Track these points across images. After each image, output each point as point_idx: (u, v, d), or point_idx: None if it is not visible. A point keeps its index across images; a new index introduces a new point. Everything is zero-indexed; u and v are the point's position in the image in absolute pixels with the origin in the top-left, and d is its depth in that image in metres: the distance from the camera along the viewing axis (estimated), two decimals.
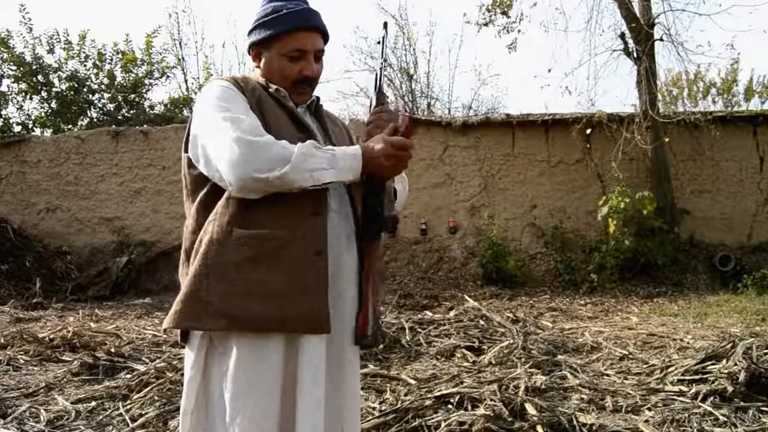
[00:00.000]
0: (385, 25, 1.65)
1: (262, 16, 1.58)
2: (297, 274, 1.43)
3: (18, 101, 13.12)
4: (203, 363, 1.46)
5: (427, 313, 6.24)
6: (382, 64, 1.63)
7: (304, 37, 1.55)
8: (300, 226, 1.45)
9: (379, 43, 1.65)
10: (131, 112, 13.58)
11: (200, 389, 1.46)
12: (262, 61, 1.60)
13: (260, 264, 1.42)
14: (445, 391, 3.09)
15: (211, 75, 15.13)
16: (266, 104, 1.53)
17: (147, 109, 13.87)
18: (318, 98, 1.68)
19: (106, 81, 13.50)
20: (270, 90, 1.58)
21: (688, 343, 4.59)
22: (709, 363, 3.51)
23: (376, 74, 1.63)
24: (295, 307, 1.41)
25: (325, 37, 1.62)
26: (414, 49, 16.90)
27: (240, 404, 1.40)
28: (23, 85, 12.95)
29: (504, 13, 10.23)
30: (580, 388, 3.37)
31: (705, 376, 3.36)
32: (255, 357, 1.42)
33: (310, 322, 1.42)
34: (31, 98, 13.11)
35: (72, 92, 12.99)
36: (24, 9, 14.05)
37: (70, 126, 13.01)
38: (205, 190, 1.51)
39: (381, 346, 4.44)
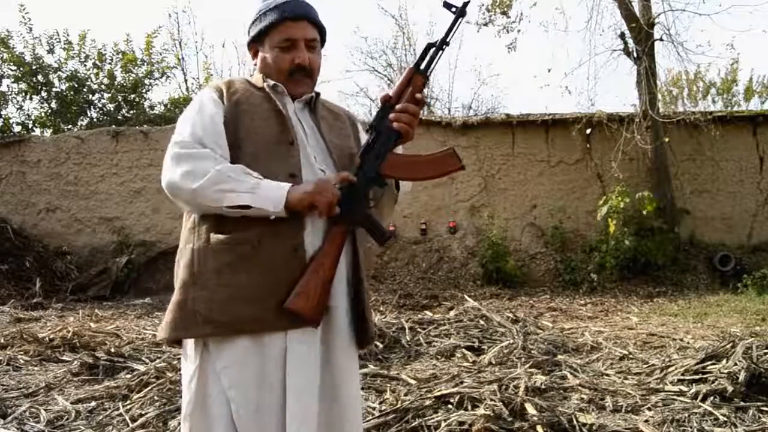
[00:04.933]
0: (465, 5, 1.53)
1: (255, 14, 1.62)
2: (276, 273, 1.43)
3: (18, 101, 13.12)
4: (198, 366, 1.46)
5: (427, 313, 6.23)
6: (441, 44, 1.54)
7: (292, 26, 1.56)
8: (274, 224, 1.43)
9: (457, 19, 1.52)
10: (131, 112, 13.57)
11: (198, 391, 1.46)
12: (259, 57, 1.62)
13: (239, 268, 1.43)
14: (445, 391, 3.09)
15: (211, 75, 15.14)
16: (248, 106, 1.52)
17: (147, 109, 13.87)
18: (318, 94, 1.66)
19: (106, 81, 13.49)
20: (264, 87, 1.58)
21: (688, 343, 4.59)
22: (709, 363, 3.51)
23: (431, 51, 1.54)
24: (281, 305, 1.41)
25: (319, 29, 1.62)
26: (414, 49, 16.91)
27: (240, 399, 1.41)
28: (23, 85, 12.94)
29: (504, 13, 10.23)
30: (580, 388, 3.37)
31: (705, 376, 3.36)
32: (248, 356, 1.43)
33: (293, 318, 1.42)
34: (31, 98, 13.10)
35: (72, 92, 12.98)
36: (24, 9, 14.02)
37: (70, 126, 13.00)
38: None
39: (380, 345, 4.45)
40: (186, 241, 1.52)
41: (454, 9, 1.51)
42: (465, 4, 1.52)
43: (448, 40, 1.53)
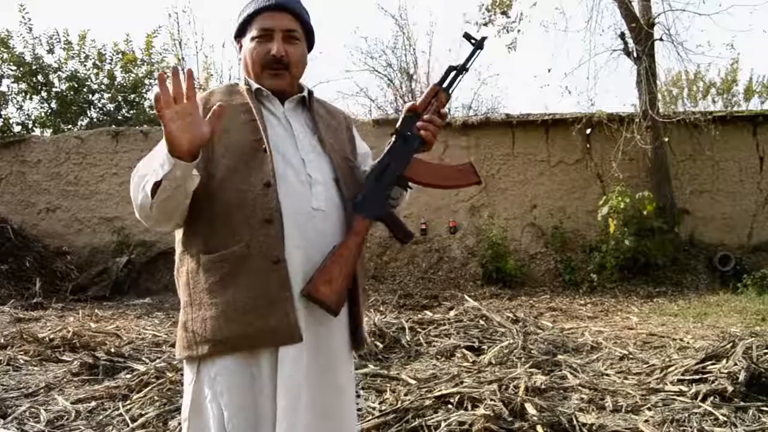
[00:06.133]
0: (483, 40, 1.65)
1: (240, 10, 1.62)
2: (259, 287, 1.42)
3: (18, 101, 13.10)
4: (196, 370, 1.48)
5: (427, 313, 6.23)
6: (461, 68, 1.64)
7: (269, 16, 1.55)
8: (254, 237, 1.43)
9: (474, 52, 1.64)
10: (131, 112, 13.57)
11: (195, 395, 1.48)
12: (242, 52, 1.61)
13: (227, 285, 1.43)
14: (445, 391, 3.10)
15: (211, 75, 15.14)
16: (221, 122, 1.47)
17: (147, 109, 13.86)
18: (311, 92, 1.63)
19: (106, 81, 13.49)
20: (245, 94, 1.56)
21: (688, 343, 4.60)
22: (709, 363, 3.51)
23: (452, 74, 1.64)
24: (262, 321, 1.41)
25: (302, 22, 1.58)
26: (414, 49, 16.91)
27: (232, 407, 1.42)
28: (23, 85, 12.93)
29: (504, 13, 10.23)
30: (580, 388, 3.37)
31: (705, 376, 3.36)
32: (239, 365, 1.43)
33: (277, 334, 1.41)
34: (31, 98, 13.09)
35: (72, 92, 12.97)
36: (24, 9, 14.01)
37: (70, 126, 12.99)
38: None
39: (380, 345, 4.45)
40: (180, 263, 1.54)
41: (473, 41, 1.64)
42: (483, 39, 1.65)
43: (467, 66, 1.64)
